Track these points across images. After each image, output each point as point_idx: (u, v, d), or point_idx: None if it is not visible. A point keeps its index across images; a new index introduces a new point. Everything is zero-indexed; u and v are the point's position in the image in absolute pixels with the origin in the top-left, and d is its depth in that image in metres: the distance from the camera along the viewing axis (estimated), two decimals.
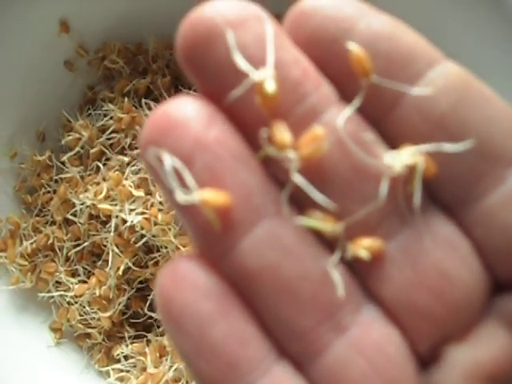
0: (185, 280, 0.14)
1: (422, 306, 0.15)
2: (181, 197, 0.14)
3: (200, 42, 0.14)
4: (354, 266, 0.15)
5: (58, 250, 0.35)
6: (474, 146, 0.14)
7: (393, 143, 0.15)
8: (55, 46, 0.36)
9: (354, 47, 0.14)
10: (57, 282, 0.35)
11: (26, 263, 0.35)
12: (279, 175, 0.15)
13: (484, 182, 0.15)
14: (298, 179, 0.14)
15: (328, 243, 0.15)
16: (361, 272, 0.15)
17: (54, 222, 0.36)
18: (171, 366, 0.33)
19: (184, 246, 0.32)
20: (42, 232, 0.35)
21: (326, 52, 0.15)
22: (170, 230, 0.32)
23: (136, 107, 0.35)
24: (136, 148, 0.34)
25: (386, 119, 0.15)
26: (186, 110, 0.14)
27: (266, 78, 0.14)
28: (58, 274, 0.35)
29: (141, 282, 0.35)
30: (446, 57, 0.15)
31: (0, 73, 0.35)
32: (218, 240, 0.14)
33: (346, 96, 0.15)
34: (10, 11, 0.34)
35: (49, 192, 0.36)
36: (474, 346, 0.15)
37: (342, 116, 0.14)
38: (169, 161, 0.14)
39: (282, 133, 0.14)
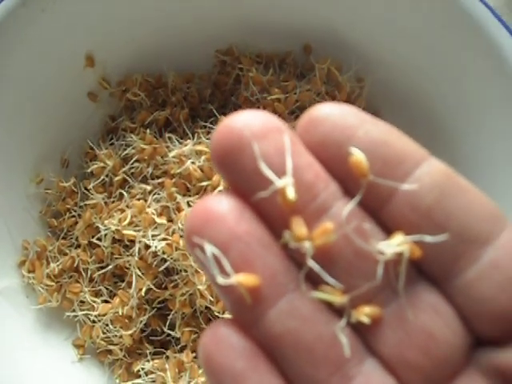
0: (223, 341, 0.17)
1: (412, 361, 0.17)
2: (220, 280, 0.17)
3: (230, 150, 0.17)
4: (357, 328, 0.18)
5: (82, 272, 0.37)
6: (455, 231, 0.17)
7: (388, 230, 0.18)
8: (80, 78, 0.39)
9: (354, 152, 0.17)
10: (81, 301, 0.37)
11: (53, 283, 0.37)
12: (296, 258, 0.18)
13: (463, 260, 0.17)
14: (312, 264, 0.17)
15: (336, 310, 0.18)
16: (363, 332, 0.18)
17: (78, 245, 0.38)
18: (190, 382, 0.35)
19: (202, 270, 0.34)
20: (68, 254, 0.37)
21: (332, 155, 0.18)
22: (190, 255, 0.34)
23: (156, 138, 0.38)
24: (157, 177, 0.37)
25: (381, 211, 0.18)
26: (221, 206, 0.17)
27: (287, 185, 0.17)
28: (82, 294, 0.37)
29: (160, 302, 0.37)
30: (430, 155, 0.18)
31: (28, 103, 0.37)
32: (250, 312, 0.17)
33: (349, 191, 0.18)
34: (39, 44, 0.36)
35: (73, 216, 0.38)
36: None
37: (346, 210, 0.17)
38: (209, 249, 0.17)
39: (299, 228, 0.17)
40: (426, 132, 0.38)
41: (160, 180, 0.36)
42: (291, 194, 0.17)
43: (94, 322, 0.37)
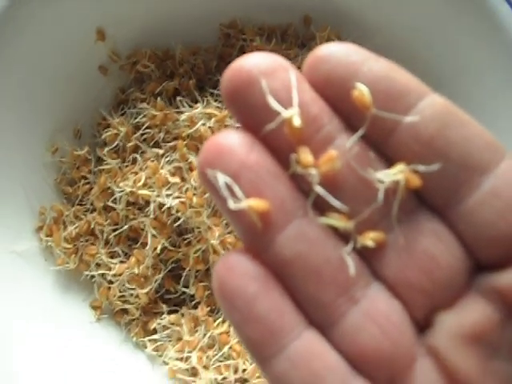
0: (235, 268, 0.18)
1: (416, 283, 0.18)
2: (232, 204, 0.18)
3: (240, 88, 0.18)
4: (362, 253, 0.19)
5: (98, 234, 0.39)
6: (456, 160, 0.18)
7: (393, 160, 0.19)
8: (91, 52, 0.40)
9: (358, 86, 0.18)
10: (97, 264, 0.39)
11: (70, 246, 0.38)
12: (304, 187, 0.19)
13: (464, 188, 0.18)
14: (319, 189, 0.18)
15: (342, 236, 0.19)
16: (368, 257, 0.19)
17: (93, 210, 0.39)
18: (205, 334, 0.37)
19: (216, 226, 0.36)
20: (83, 219, 0.39)
21: (336, 91, 0.19)
22: (203, 212, 0.36)
23: (166, 105, 0.39)
24: (169, 142, 0.39)
25: (385, 143, 0.19)
26: (231, 140, 0.18)
27: (293, 115, 0.18)
28: (98, 255, 0.38)
29: (173, 263, 0.39)
30: (433, 90, 0.19)
31: (41, 77, 0.39)
32: (260, 237, 0.18)
33: (353, 126, 0.19)
34: (52, 20, 0.38)
35: (88, 183, 0.40)
36: (459, 313, 0.18)
37: (350, 141, 0.19)
38: (222, 178, 0.18)
39: (305, 155, 0.18)
40: None
41: (172, 144, 0.38)
42: (297, 121, 0.18)
43: (110, 282, 0.38)
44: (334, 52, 0.19)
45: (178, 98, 0.38)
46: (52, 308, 0.38)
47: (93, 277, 0.39)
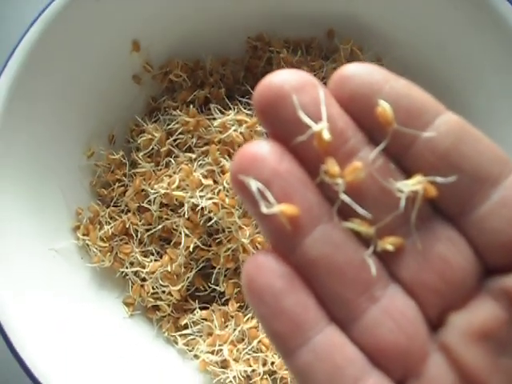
0: (263, 266, 0.20)
1: (430, 284, 0.20)
2: (265, 209, 0.19)
3: (272, 102, 0.20)
4: (382, 256, 0.21)
5: (133, 234, 0.41)
6: (469, 172, 0.19)
7: (411, 172, 0.20)
8: (126, 62, 0.43)
9: (381, 103, 0.20)
10: (130, 262, 0.41)
11: (106, 245, 0.40)
12: (330, 195, 0.20)
13: (476, 198, 0.20)
14: (345, 197, 0.20)
15: (364, 240, 0.21)
16: (387, 260, 0.21)
17: (128, 211, 0.41)
18: (235, 329, 0.38)
19: (246, 226, 0.38)
20: (118, 219, 0.41)
21: (360, 107, 0.20)
22: (234, 212, 0.38)
23: (198, 112, 0.42)
24: (201, 147, 0.41)
25: (404, 156, 0.20)
26: (264, 149, 0.20)
27: (322, 129, 0.20)
28: (132, 254, 0.40)
29: (203, 261, 0.41)
30: (448, 108, 0.21)
31: (79, 85, 0.41)
32: (289, 239, 0.20)
33: (374, 141, 0.21)
34: (92, 32, 0.40)
35: (122, 186, 0.42)
36: (470, 313, 0.19)
37: (373, 153, 0.20)
38: (255, 184, 0.19)
39: (333, 166, 0.20)
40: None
41: (203, 148, 0.40)
42: (326, 135, 0.19)
43: (143, 280, 0.40)
44: (358, 71, 0.20)
45: (212, 106, 0.40)
46: (87, 304, 0.39)
47: (126, 274, 0.41)
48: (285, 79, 0.20)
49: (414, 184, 0.20)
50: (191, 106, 0.41)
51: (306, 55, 0.44)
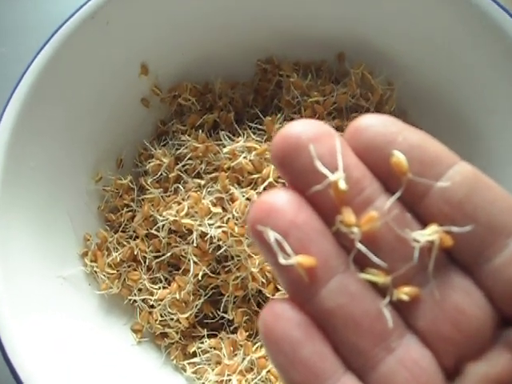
0: (280, 315, 0.20)
1: (446, 334, 0.20)
2: (282, 260, 0.19)
3: (290, 152, 0.20)
4: (398, 306, 0.21)
5: (141, 260, 0.40)
6: (484, 222, 0.19)
7: (425, 222, 0.20)
8: (135, 86, 0.42)
9: (396, 153, 0.20)
10: (138, 289, 0.40)
11: (114, 272, 0.40)
12: (346, 243, 0.20)
13: (492, 248, 0.19)
14: (361, 247, 0.20)
15: (380, 290, 0.20)
16: (403, 310, 0.21)
17: (136, 237, 0.41)
18: (244, 358, 0.38)
19: (255, 254, 0.38)
20: (126, 246, 0.41)
21: (375, 157, 0.20)
22: (244, 240, 0.38)
23: (207, 137, 0.41)
24: (209, 173, 0.40)
25: (419, 205, 0.20)
26: (281, 199, 0.20)
27: (339, 178, 0.20)
28: (141, 281, 0.40)
29: (212, 289, 0.40)
30: (461, 158, 0.21)
31: (87, 108, 0.41)
32: (306, 290, 0.20)
33: (389, 189, 0.21)
34: (101, 55, 0.40)
35: (130, 211, 0.42)
36: (486, 364, 0.19)
37: (389, 202, 0.20)
38: (272, 235, 0.19)
39: (349, 215, 0.20)
40: (450, 130, 0.42)
41: (213, 175, 0.40)
42: (343, 185, 0.20)
43: (151, 307, 0.40)
44: (373, 122, 0.20)
45: (221, 133, 0.40)
46: (95, 330, 0.39)
47: (135, 301, 0.41)
48: (302, 130, 0.20)
49: (430, 234, 0.20)
50: (200, 131, 0.41)
51: (316, 79, 0.43)
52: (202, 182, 0.40)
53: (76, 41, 0.38)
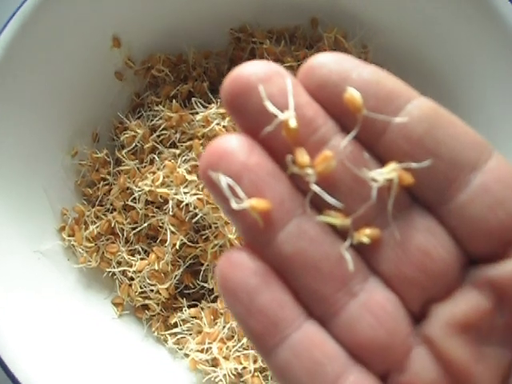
0: (237, 263, 0.19)
1: (410, 276, 0.19)
2: (235, 204, 0.19)
3: (240, 95, 0.19)
4: (360, 250, 0.20)
5: (119, 233, 0.40)
6: (446, 158, 0.19)
7: (384, 161, 0.20)
8: (107, 58, 0.42)
9: (349, 90, 0.19)
10: (117, 262, 0.40)
11: (92, 245, 0.40)
12: (302, 186, 0.20)
13: (454, 185, 0.19)
14: (316, 188, 0.19)
15: (340, 233, 0.20)
16: (365, 253, 0.20)
17: (113, 210, 0.41)
18: (224, 326, 0.38)
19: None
20: (104, 219, 0.40)
21: (329, 96, 0.19)
22: (220, 207, 0.37)
23: (182, 107, 0.41)
24: (185, 142, 0.40)
25: (377, 144, 0.19)
26: (232, 143, 0.19)
27: (289, 117, 0.19)
28: (119, 253, 0.40)
29: (191, 259, 0.40)
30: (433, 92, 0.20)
31: (60, 84, 0.40)
32: (262, 235, 0.19)
33: (346, 128, 0.20)
34: (70, 29, 0.39)
35: (107, 184, 0.41)
36: (452, 304, 0.19)
37: (344, 140, 0.20)
38: (224, 179, 0.19)
39: (302, 156, 0.19)
40: (428, 92, 0.42)
41: (188, 143, 0.40)
42: (293, 123, 0.19)
43: (131, 279, 0.40)
44: (326, 60, 0.20)
45: (194, 100, 0.39)
46: (75, 305, 0.39)
47: (114, 274, 0.40)
48: (252, 71, 0.19)
49: (389, 172, 0.19)
50: (174, 101, 0.40)
51: (289, 45, 0.43)
52: (178, 152, 0.40)
53: (42, 15, 0.37)
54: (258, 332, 0.19)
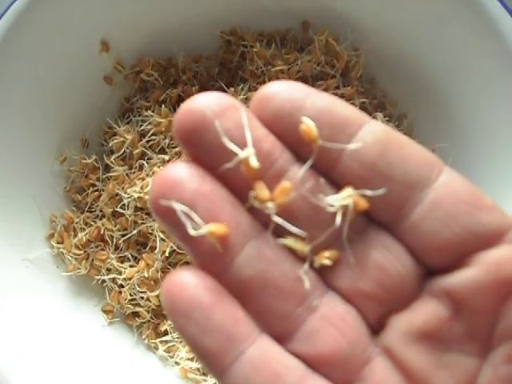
0: (187, 282, 0.19)
1: (367, 291, 0.20)
2: (192, 231, 0.18)
3: (195, 129, 0.19)
4: (317, 269, 0.20)
5: (108, 240, 0.40)
6: (398, 180, 0.19)
7: (341, 186, 0.20)
8: (96, 63, 0.41)
9: (305, 120, 0.19)
10: (107, 269, 0.40)
11: (81, 252, 0.39)
12: (262, 218, 0.20)
13: (407, 204, 0.19)
14: (278, 220, 0.19)
15: (296, 254, 0.20)
16: (322, 272, 0.20)
17: (102, 216, 0.40)
18: None
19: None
20: (93, 225, 0.40)
21: (284, 126, 0.20)
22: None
23: (170, 113, 0.40)
24: (174, 147, 0.40)
25: (333, 171, 0.20)
26: (183, 171, 0.19)
27: (249, 155, 0.19)
28: (109, 260, 0.39)
29: (182, 265, 0.40)
30: (371, 118, 0.20)
31: (48, 89, 0.40)
32: (220, 260, 0.19)
33: (301, 157, 0.20)
34: (58, 33, 0.39)
35: (96, 190, 0.41)
36: (409, 314, 0.20)
37: (301, 171, 0.20)
38: (179, 207, 0.18)
39: (262, 191, 0.19)
40: (419, 94, 0.41)
41: (177, 149, 0.39)
42: (254, 162, 0.19)
43: (121, 286, 0.39)
44: (278, 90, 0.20)
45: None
46: (65, 313, 0.39)
47: (104, 282, 0.40)
48: (205, 104, 0.19)
49: (344, 198, 0.19)
50: (163, 106, 0.40)
51: (280, 48, 0.42)
52: (167, 158, 0.39)
53: (29, 20, 0.37)
54: (214, 350, 0.19)
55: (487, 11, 0.36)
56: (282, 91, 0.20)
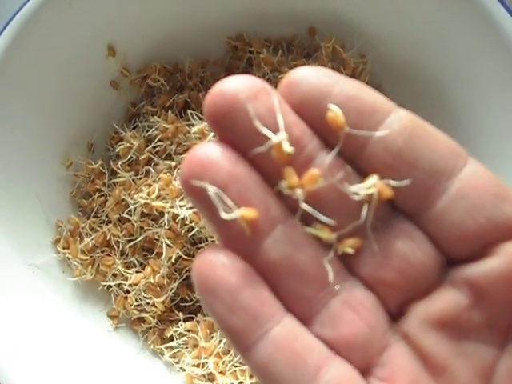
0: (216, 262, 0.19)
1: (388, 279, 0.20)
2: (224, 214, 0.19)
3: (226, 112, 0.19)
4: (341, 255, 0.20)
5: (114, 245, 0.40)
6: (425, 169, 0.19)
7: (367, 173, 0.20)
8: (103, 68, 0.41)
9: (332, 107, 0.19)
10: (113, 274, 0.40)
11: (87, 258, 0.39)
12: (290, 203, 0.20)
13: (433, 193, 0.20)
14: (307, 207, 0.20)
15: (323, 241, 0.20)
16: (346, 259, 0.21)
17: (109, 222, 0.40)
18: (221, 340, 0.38)
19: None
20: (99, 231, 0.40)
21: (311, 112, 0.20)
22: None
23: (178, 118, 0.40)
24: (181, 153, 0.40)
25: (359, 158, 0.20)
26: (217, 152, 0.19)
27: (282, 140, 0.19)
28: (115, 266, 0.39)
29: (187, 271, 0.40)
30: (398, 106, 0.20)
31: (55, 93, 0.40)
32: (248, 243, 0.19)
33: (328, 144, 0.20)
34: (65, 38, 0.39)
35: (102, 195, 0.41)
36: (429, 302, 0.20)
37: (328, 158, 0.20)
38: (212, 189, 0.18)
39: (291, 177, 0.20)
40: (426, 102, 0.41)
41: (183, 155, 0.39)
42: (288, 147, 0.19)
43: (127, 292, 0.39)
44: (306, 76, 0.20)
45: (189, 112, 0.39)
46: (70, 318, 0.39)
47: (110, 287, 0.40)
48: (238, 87, 0.19)
49: (369, 187, 0.20)
50: (170, 112, 0.40)
51: (287, 54, 0.42)
52: (173, 164, 0.39)
53: (37, 25, 0.37)
54: (239, 329, 0.19)
55: (494, 18, 0.36)
56: (309, 77, 0.20)
